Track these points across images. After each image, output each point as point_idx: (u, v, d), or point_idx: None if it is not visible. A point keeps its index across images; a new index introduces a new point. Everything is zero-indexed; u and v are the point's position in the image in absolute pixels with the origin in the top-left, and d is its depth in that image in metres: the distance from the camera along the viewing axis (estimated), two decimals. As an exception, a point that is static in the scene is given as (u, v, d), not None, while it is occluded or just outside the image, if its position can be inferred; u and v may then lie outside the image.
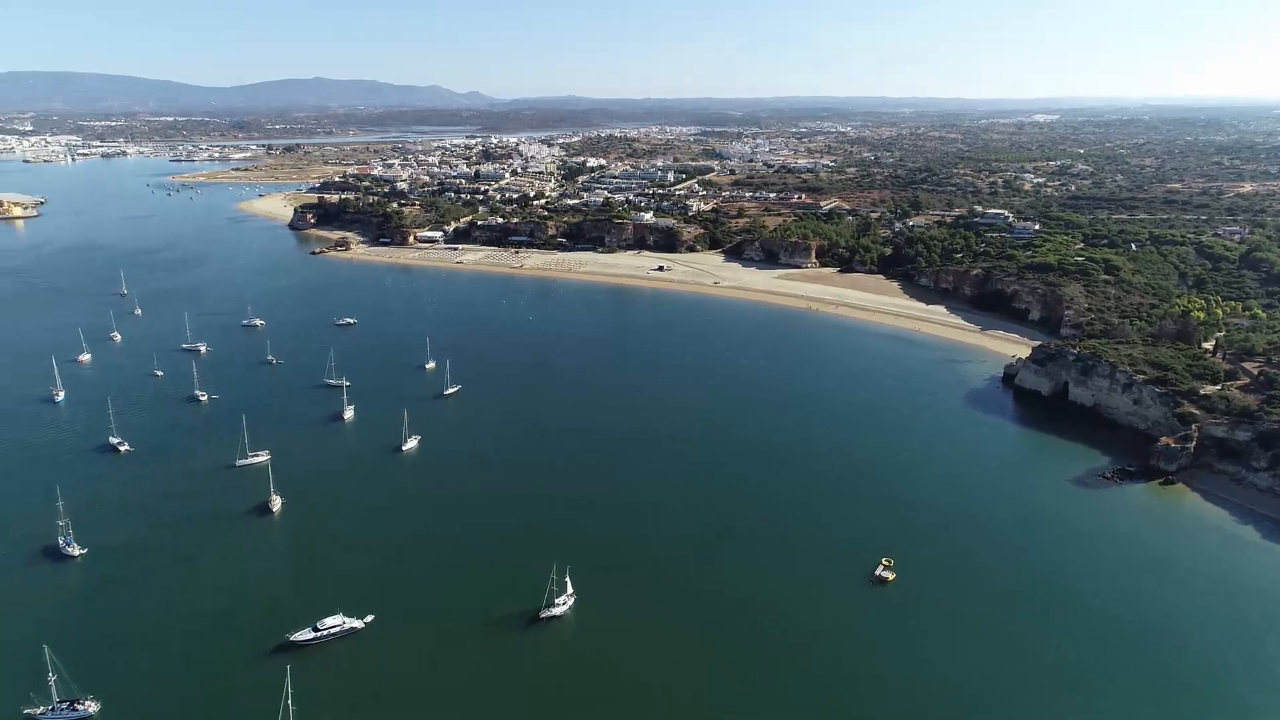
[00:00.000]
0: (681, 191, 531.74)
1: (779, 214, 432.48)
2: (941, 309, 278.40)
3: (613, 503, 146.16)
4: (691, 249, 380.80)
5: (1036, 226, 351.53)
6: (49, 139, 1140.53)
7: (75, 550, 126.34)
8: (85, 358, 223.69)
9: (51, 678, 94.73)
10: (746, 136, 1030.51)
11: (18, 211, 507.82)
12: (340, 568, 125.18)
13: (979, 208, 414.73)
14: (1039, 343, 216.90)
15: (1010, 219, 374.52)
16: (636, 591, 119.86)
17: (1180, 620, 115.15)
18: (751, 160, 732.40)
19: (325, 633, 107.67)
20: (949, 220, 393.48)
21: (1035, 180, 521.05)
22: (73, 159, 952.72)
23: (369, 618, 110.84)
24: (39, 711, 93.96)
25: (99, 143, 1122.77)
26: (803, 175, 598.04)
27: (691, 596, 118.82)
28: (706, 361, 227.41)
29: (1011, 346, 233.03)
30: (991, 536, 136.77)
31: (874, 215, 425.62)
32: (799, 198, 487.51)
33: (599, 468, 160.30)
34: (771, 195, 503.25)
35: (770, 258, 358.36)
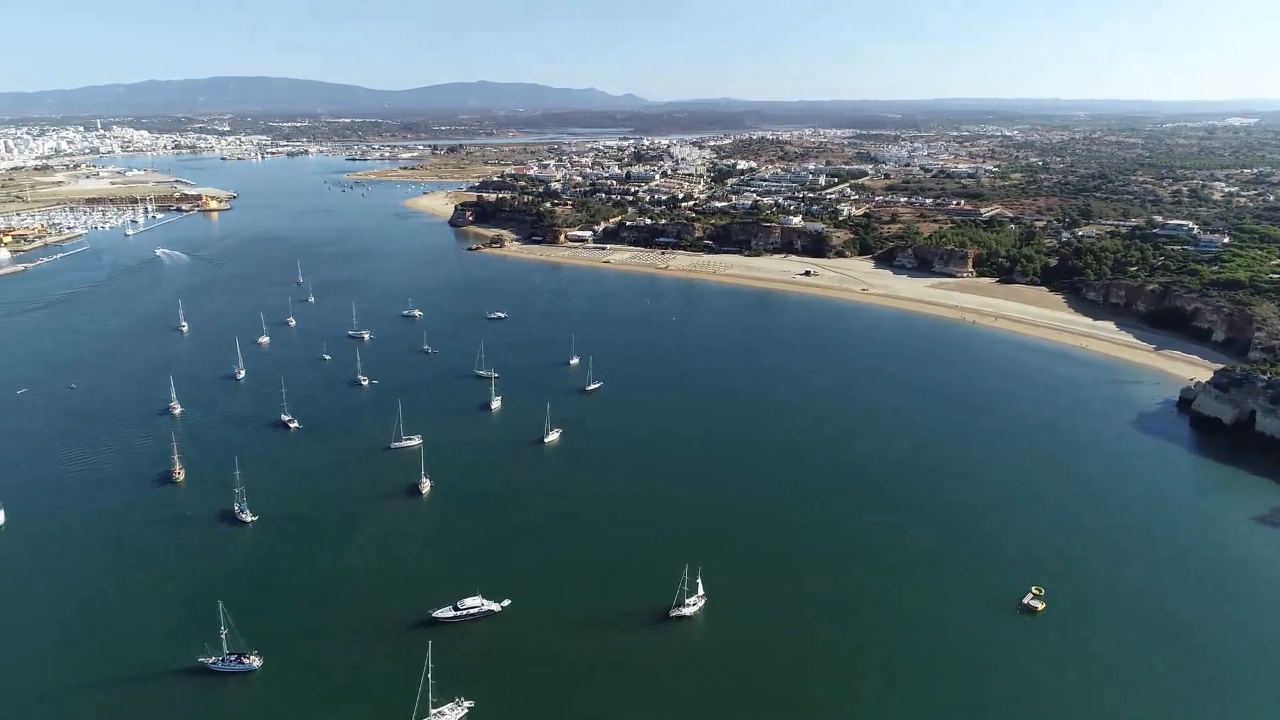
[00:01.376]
0: (832, 195, 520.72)
1: (935, 220, 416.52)
2: (1110, 325, 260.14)
3: (749, 508, 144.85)
4: (840, 254, 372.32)
5: (1225, 240, 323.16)
6: (242, 139, 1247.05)
7: (248, 516, 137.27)
8: (264, 340, 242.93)
9: (223, 631, 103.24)
10: (904, 140, 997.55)
11: (214, 205, 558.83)
12: (481, 551, 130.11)
13: (1159, 218, 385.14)
14: (1222, 366, 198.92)
15: (1195, 230, 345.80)
16: (769, 599, 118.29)
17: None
18: (908, 164, 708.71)
19: (465, 612, 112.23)
20: (1123, 231, 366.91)
21: (1226, 189, 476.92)
22: (262, 157, 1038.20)
23: (506, 602, 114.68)
24: (211, 661, 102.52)
25: (285, 142, 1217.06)
26: (962, 180, 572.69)
27: (826, 608, 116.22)
28: (852, 370, 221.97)
29: (1189, 369, 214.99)
30: (1157, 573, 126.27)
31: (1039, 224, 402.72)
32: (957, 204, 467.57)
33: (736, 472, 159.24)
34: (928, 201, 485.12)
35: (923, 265, 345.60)
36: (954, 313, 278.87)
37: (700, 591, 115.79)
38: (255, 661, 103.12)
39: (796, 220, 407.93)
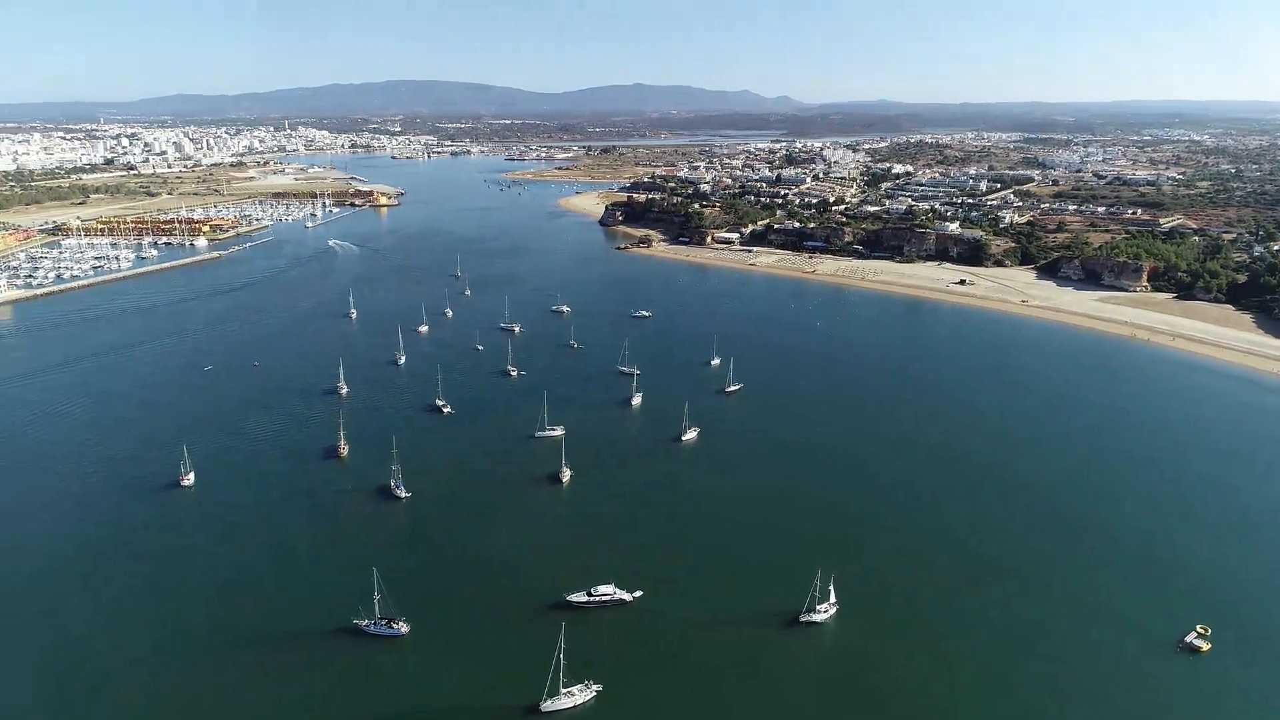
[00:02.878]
0: (994, 201, 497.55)
1: (1107, 230, 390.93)
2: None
3: (887, 517, 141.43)
4: (999, 263, 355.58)
5: None
6: (411, 139, 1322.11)
7: (403, 493, 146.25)
8: (423, 329, 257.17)
9: (376, 597, 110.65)
10: (1076, 144, 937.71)
11: (383, 201, 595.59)
12: (616, 541, 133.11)
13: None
14: None
15: None
16: (904, 611, 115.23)
17: None
18: (1079, 170, 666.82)
19: (597, 599, 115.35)
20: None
21: None
22: (428, 156, 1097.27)
23: (638, 593, 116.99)
24: (364, 623, 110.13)
25: (449, 142, 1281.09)
26: (1140, 188, 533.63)
27: (964, 627, 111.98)
28: (1006, 383, 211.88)
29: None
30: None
31: (1227, 236, 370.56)
32: (1133, 213, 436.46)
33: (875, 480, 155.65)
34: (1100, 209, 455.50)
35: (1091, 278, 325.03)
36: (1124, 329, 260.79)
37: (832, 598, 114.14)
38: (403, 627, 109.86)
39: (953, 227, 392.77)
